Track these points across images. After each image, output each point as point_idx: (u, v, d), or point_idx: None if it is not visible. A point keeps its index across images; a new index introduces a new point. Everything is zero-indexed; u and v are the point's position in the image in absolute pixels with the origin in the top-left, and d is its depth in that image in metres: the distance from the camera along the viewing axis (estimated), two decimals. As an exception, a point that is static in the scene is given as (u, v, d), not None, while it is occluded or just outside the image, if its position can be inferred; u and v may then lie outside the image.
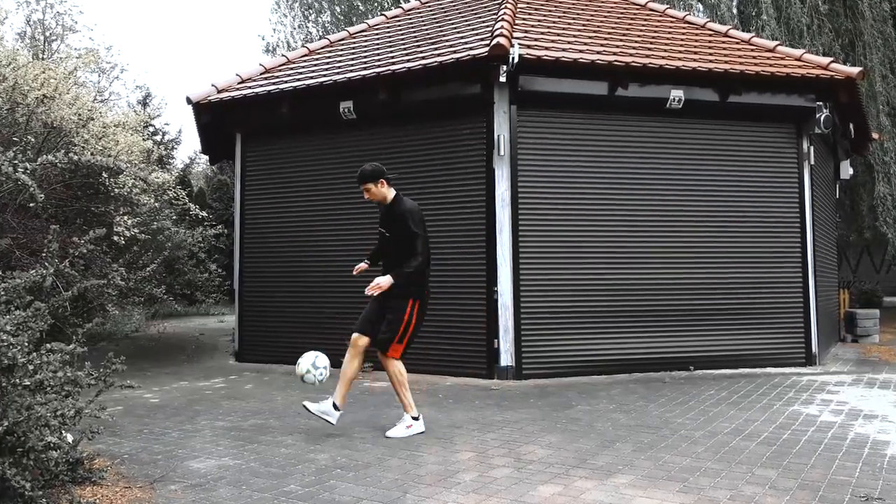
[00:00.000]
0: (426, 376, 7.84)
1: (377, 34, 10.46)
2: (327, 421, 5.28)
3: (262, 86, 9.42)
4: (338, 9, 22.82)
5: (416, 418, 5.33)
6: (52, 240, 4.74)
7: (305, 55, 10.45)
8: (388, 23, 10.98)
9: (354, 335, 5.34)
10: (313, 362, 5.29)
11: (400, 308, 5.22)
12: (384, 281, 5.14)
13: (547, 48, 8.00)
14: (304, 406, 5.33)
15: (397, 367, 5.28)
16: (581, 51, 8.10)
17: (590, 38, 8.67)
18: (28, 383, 3.63)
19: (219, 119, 9.82)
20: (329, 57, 9.94)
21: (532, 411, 6.16)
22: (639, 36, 9.08)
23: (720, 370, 8.25)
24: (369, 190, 5.35)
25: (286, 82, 9.21)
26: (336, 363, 8.41)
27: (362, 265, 5.66)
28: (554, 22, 9.07)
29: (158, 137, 22.69)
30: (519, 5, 9.40)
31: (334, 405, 5.29)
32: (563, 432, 5.36)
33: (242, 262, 9.78)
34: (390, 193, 5.42)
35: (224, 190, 21.42)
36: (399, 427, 5.29)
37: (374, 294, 5.14)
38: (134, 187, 9.05)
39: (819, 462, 4.50)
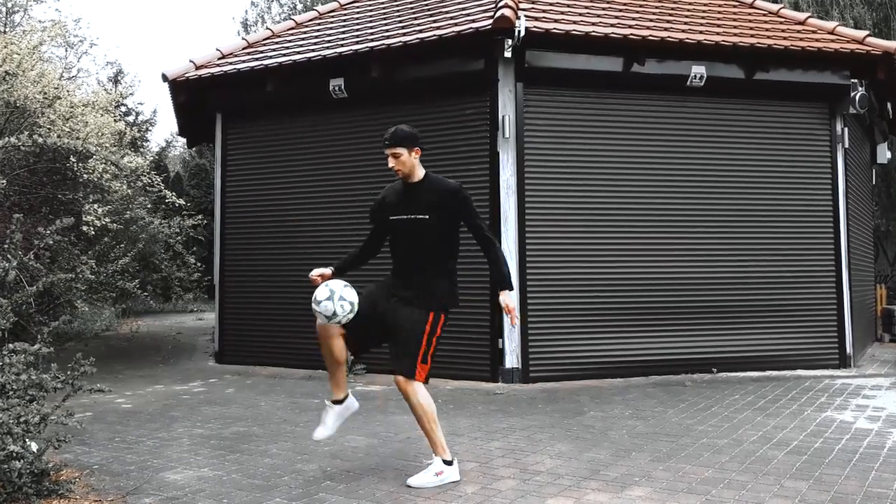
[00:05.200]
0: (424, 379, 7.83)
1: (371, 5, 10.41)
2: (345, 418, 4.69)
3: (244, 62, 9.39)
4: None
5: (449, 462, 4.41)
6: (16, 230, 4.72)
7: (292, 28, 10.41)
8: (382, -8, 10.93)
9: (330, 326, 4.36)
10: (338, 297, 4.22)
11: (420, 321, 4.38)
12: (513, 300, 4.36)
13: (556, 20, 7.97)
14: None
15: (422, 394, 4.34)
16: (594, 23, 8.07)
17: (603, 9, 8.63)
18: (-12, 387, 3.62)
19: (197, 98, 9.78)
20: (318, 30, 9.90)
21: (540, 417, 6.16)
22: (657, 7, 9.04)
23: (746, 372, 8.24)
24: (399, 157, 4.49)
25: (271, 58, 9.17)
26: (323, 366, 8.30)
27: (325, 271, 4.56)
28: (564, -9, 9.02)
29: (131, 118, 22.67)
30: (526, -27, 9.36)
31: (336, 401, 4.64)
32: (574, 441, 5.35)
33: (223, 254, 9.77)
34: (419, 169, 4.63)
35: (203, 176, 21.42)
36: (426, 473, 4.36)
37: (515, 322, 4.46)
38: (105, 172, 9.04)
39: (854, 473, 4.49)
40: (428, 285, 4.46)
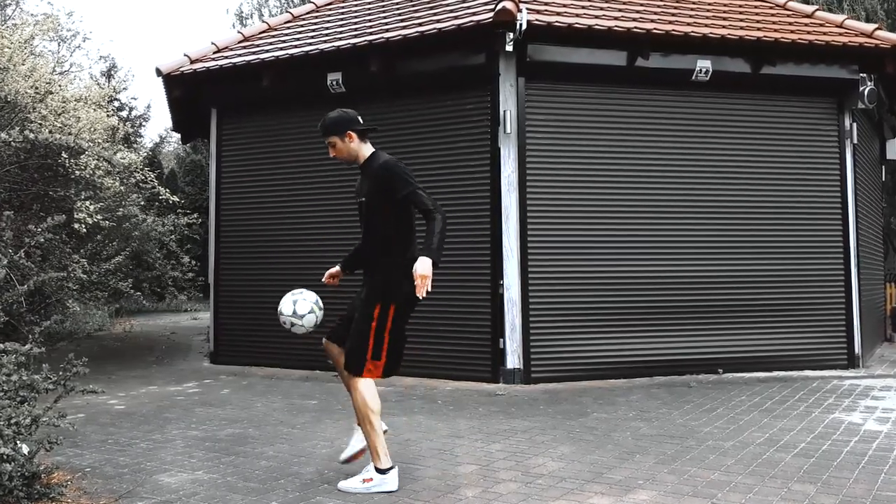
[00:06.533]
0: (424, 380, 7.83)
1: (369, -3, 10.40)
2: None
3: (240, 55, 9.38)
4: None
5: (383, 471, 4.23)
6: (6, 227, 4.72)
7: (289, 21, 10.40)
8: (380, -15, 10.92)
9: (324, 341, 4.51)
10: (294, 311, 4.45)
11: (366, 315, 4.24)
12: (427, 269, 4.03)
13: (558, 13, 7.96)
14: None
15: (365, 392, 4.22)
16: (597, 16, 8.06)
17: (606, 2, 8.62)
18: (-22, 388, 3.62)
19: (192, 93, 9.77)
20: (315, 23, 9.88)
21: (542, 419, 6.15)
22: (661, -1, 9.04)
23: (752, 373, 8.24)
24: (334, 146, 4.47)
25: (267, 52, 9.16)
26: (325, 367, 8.29)
27: (334, 271, 4.80)
28: (567, -16, 9.01)
29: (125, 113, 22.68)
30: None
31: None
32: (577, 443, 5.35)
33: (218, 253, 9.76)
34: (364, 150, 4.48)
35: (198, 172, 21.42)
36: (355, 479, 4.29)
37: (426, 292, 4.04)
38: (97, 169, 9.03)
39: (863, 476, 4.49)
40: (376, 275, 4.36)
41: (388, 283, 4.28)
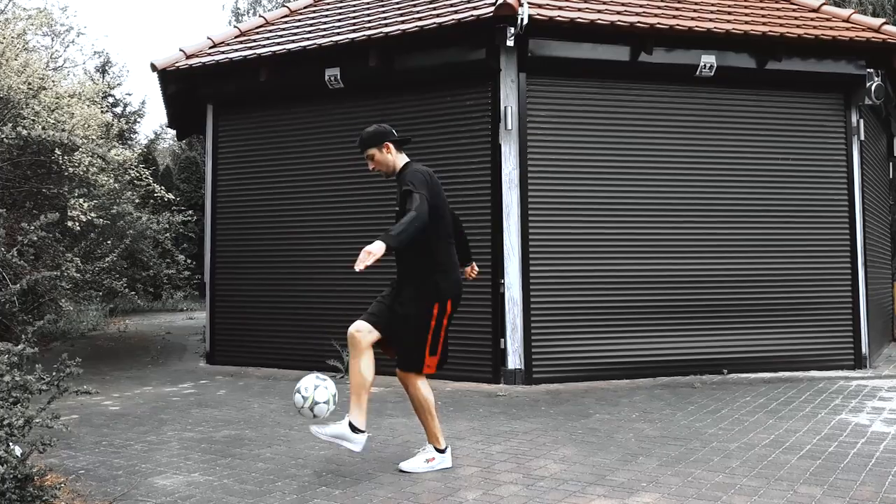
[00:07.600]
0: (423, 381, 7.83)
1: (367, -8, 10.39)
2: (348, 448, 4.54)
3: (236, 50, 9.37)
4: None
5: (442, 450, 4.77)
6: (-3, 226, 4.72)
7: (286, 16, 10.40)
8: (379, -21, 10.91)
9: (354, 328, 4.53)
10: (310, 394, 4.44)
11: (422, 314, 4.58)
12: (375, 247, 4.05)
13: (560, 8, 7.95)
14: (313, 432, 4.53)
15: (424, 389, 4.70)
16: (599, 11, 8.06)
17: (610, -5, 8.62)
18: (-30, 389, 3.61)
19: (188, 88, 9.76)
20: (313, 18, 9.88)
21: (544, 420, 6.15)
22: (665, -7, 9.02)
23: (757, 374, 8.24)
24: (373, 157, 4.71)
25: (264, 46, 9.15)
26: (323, 368, 8.30)
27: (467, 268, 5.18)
28: (569, -23, 9.01)
29: (119, 109, 22.72)
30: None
31: (352, 426, 4.47)
32: (579, 444, 5.35)
33: (214, 251, 9.75)
34: (399, 161, 4.75)
35: (193, 169, 21.42)
36: (417, 459, 4.75)
37: (363, 267, 4.03)
38: (91, 166, 9.04)
39: (870, 478, 4.48)
40: (416, 280, 4.64)
41: (434, 284, 4.61)
